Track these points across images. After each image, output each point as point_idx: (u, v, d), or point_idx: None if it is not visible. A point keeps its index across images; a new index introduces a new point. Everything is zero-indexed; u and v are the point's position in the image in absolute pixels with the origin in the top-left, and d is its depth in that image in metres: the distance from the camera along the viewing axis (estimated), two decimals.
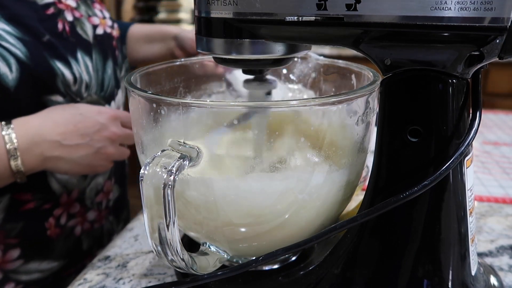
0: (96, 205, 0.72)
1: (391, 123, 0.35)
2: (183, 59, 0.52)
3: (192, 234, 0.42)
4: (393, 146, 0.35)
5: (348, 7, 0.30)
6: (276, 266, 0.44)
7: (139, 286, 0.46)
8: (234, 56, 0.36)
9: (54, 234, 0.65)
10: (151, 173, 0.31)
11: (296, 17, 0.32)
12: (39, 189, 0.63)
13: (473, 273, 0.37)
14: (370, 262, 0.37)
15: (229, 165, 0.36)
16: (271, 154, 0.36)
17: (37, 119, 0.56)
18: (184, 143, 0.34)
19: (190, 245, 0.45)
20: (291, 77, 0.55)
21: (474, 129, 0.33)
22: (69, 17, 0.66)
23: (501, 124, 1.00)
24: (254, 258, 0.34)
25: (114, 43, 0.75)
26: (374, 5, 0.30)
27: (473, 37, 0.29)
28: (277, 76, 0.54)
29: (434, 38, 0.30)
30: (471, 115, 0.34)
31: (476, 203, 0.63)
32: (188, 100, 0.34)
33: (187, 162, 0.32)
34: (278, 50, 0.36)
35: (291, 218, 0.37)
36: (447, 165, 0.31)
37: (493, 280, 0.41)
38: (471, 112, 0.34)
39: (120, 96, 0.76)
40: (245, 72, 0.42)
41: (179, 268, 0.34)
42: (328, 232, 0.33)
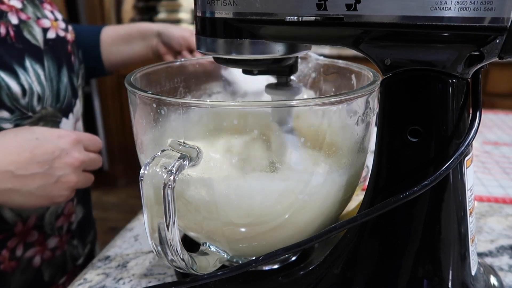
0: (57, 230, 0.64)
1: (391, 123, 0.35)
2: (183, 59, 0.52)
3: (192, 234, 0.42)
4: (393, 146, 0.35)
5: (348, 7, 0.30)
6: (276, 266, 0.44)
7: (139, 286, 0.46)
8: (234, 56, 0.36)
9: (9, 268, 0.58)
10: (151, 173, 0.31)
11: (296, 17, 0.32)
12: None
13: (473, 273, 0.37)
14: (370, 262, 0.37)
15: (229, 165, 0.36)
16: (271, 154, 0.36)
17: None
18: (184, 143, 0.34)
19: (190, 245, 0.45)
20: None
21: (474, 129, 0.33)
22: (14, 20, 0.57)
23: (501, 124, 1.00)
24: (254, 258, 0.34)
25: (69, 48, 0.66)
26: (374, 5, 0.30)
27: (473, 37, 0.29)
28: None
29: (434, 38, 0.30)
30: (471, 115, 0.34)
31: (476, 203, 0.63)
32: (188, 100, 0.34)
33: (187, 162, 0.32)
34: (278, 50, 0.36)
35: (291, 218, 0.37)
36: (447, 165, 0.31)
37: (493, 280, 0.42)
38: (471, 112, 0.34)
39: (79, 106, 0.68)
40: (244, 72, 0.42)
41: (179, 268, 0.34)
42: (328, 232, 0.33)
